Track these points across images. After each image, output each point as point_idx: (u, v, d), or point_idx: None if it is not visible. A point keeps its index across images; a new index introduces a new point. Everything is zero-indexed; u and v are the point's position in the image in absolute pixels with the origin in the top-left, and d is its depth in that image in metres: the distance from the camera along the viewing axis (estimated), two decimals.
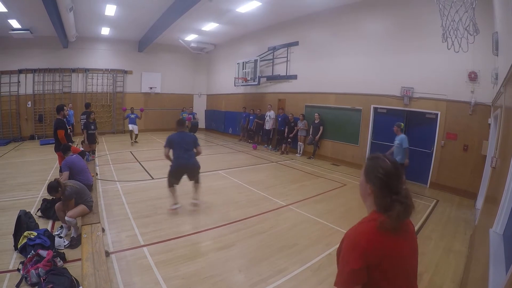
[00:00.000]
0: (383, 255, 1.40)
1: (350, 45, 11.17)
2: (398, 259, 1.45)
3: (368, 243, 1.40)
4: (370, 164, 1.60)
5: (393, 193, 1.46)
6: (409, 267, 1.53)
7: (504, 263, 2.36)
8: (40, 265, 3.54)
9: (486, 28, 6.12)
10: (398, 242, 1.47)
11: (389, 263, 1.41)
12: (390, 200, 1.44)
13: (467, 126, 8.06)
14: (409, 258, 1.53)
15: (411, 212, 1.45)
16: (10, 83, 15.27)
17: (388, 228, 1.41)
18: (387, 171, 1.50)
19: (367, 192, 1.58)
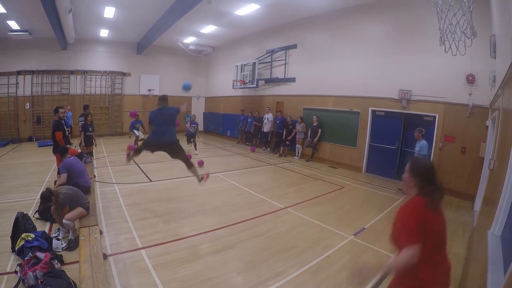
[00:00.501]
0: (428, 223, 2.05)
1: (348, 48, 11.20)
2: (436, 228, 2.12)
3: (419, 213, 2.08)
4: (414, 164, 2.29)
5: (432, 184, 2.13)
6: (442, 236, 2.19)
7: (502, 264, 2.36)
8: (38, 267, 3.52)
9: (484, 31, 6.16)
10: (435, 217, 2.13)
11: (431, 230, 2.06)
12: (431, 189, 2.12)
13: (465, 128, 8.09)
14: (442, 230, 2.19)
15: (443, 197, 2.15)
16: (9, 85, 15.23)
17: (431, 207, 2.10)
18: (428, 169, 2.21)
19: (411, 184, 2.26)
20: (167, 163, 11.10)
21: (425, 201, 2.09)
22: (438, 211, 2.15)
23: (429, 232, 2.04)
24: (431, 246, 2.04)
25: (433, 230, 2.07)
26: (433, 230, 2.07)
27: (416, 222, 2.03)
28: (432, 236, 2.05)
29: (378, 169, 10.39)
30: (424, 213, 2.06)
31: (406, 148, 9.60)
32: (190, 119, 13.53)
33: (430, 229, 2.05)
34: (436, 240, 2.10)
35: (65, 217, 4.46)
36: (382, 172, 10.20)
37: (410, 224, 2.05)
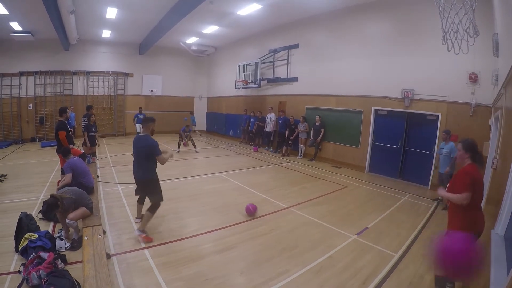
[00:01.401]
0: (476, 181, 3.05)
1: (351, 47, 11.18)
2: (481, 185, 3.14)
3: (473, 173, 3.08)
4: (466, 143, 3.27)
5: (478, 154, 3.25)
6: (483, 192, 3.23)
7: (505, 263, 2.36)
8: (41, 267, 3.54)
9: (486, 29, 6.13)
10: (481, 178, 3.17)
11: (479, 185, 3.08)
12: (478, 157, 3.24)
13: (467, 127, 8.05)
14: (483, 187, 3.20)
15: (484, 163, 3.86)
16: (12, 86, 15.32)
17: (480, 168, 3.23)
18: (475, 145, 3.25)
19: (465, 157, 3.27)
20: (170, 163, 11.13)
21: (476, 167, 3.19)
22: (481, 172, 3.32)
23: (477, 187, 3.05)
24: (477, 197, 3.07)
25: (479, 186, 3.11)
26: (479, 187, 3.10)
27: (471, 179, 3.00)
28: (478, 191, 3.07)
29: (381, 168, 10.37)
30: (476, 175, 3.11)
31: (409, 147, 9.58)
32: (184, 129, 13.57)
33: (478, 186, 3.07)
34: (480, 194, 3.15)
35: (68, 216, 4.48)
36: (385, 172, 10.17)
37: (467, 180, 3.01)
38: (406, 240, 5.28)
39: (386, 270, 4.21)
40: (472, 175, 3.04)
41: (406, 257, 4.65)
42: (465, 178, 3.06)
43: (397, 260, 4.53)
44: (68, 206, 4.50)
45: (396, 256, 4.64)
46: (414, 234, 5.56)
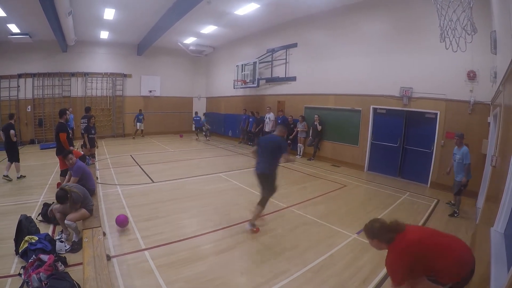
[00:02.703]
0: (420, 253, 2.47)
1: (349, 46, 11.19)
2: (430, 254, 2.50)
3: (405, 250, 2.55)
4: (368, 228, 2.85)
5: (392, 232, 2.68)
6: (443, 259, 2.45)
7: (505, 261, 2.36)
8: (42, 270, 3.53)
9: (484, 27, 6.14)
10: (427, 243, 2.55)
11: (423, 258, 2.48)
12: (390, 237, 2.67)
13: (466, 125, 8.06)
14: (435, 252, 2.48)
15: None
16: (10, 88, 15.30)
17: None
18: (383, 226, 2.70)
19: (379, 247, 2.86)
20: (169, 164, 11.14)
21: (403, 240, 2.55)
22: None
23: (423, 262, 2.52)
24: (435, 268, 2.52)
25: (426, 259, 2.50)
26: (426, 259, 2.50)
27: (406, 262, 2.55)
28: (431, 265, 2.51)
29: (380, 167, 10.38)
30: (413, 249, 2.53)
31: (408, 145, 9.59)
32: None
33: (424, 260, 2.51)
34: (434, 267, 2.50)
35: (67, 217, 4.48)
36: (384, 170, 10.18)
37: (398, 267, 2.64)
38: None
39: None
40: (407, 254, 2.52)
41: None
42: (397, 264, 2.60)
43: None
44: (76, 201, 4.52)
45: None
46: None
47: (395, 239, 2.63)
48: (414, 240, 2.54)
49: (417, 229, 2.78)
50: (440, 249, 2.49)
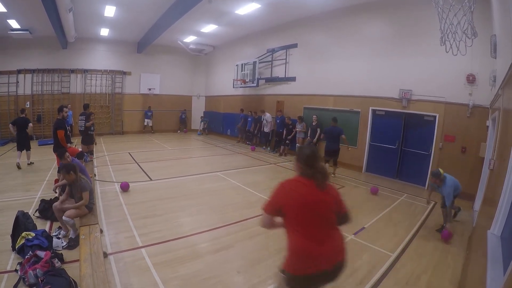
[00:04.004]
0: (294, 197, 2.34)
1: (349, 48, 11.20)
2: (306, 204, 2.30)
3: (286, 186, 2.46)
4: (298, 152, 2.57)
5: (313, 167, 2.38)
6: (317, 213, 2.31)
7: (501, 264, 2.37)
8: (38, 266, 3.53)
9: (485, 31, 6.17)
10: (305, 192, 2.32)
11: (300, 205, 2.30)
12: (312, 172, 2.37)
13: (465, 128, 8.10)
14: (317, 207, 2.31)
15: (327, 178, 2.42)
16: (9, 83, 15.24)
17: (317, 187, 2.34)
18: (307, 155, 2.43)
19: (297, 167, 2.51)
20: (167, 162, 11.14)
21: (305, 182, 2.36)
22: (325, 192, 2.37)
23: (297, 209, 2.29)
24: (302, 221, 2.28)
25: (302, 208, 2.27)
26: (302, 208, 2.27)
27: (277, 196, 2.41)
28: (300, 214, 2.28)
29: (378, 168, 10.39)
30: (293, 191, 2.36)
31: (406, 147, 9.60)
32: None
33: (298, 207, 2.28)
34: (305, 218, 2.27)
35: (66, 214, 4.48)
36: (382, 172, 10.20)
37: (271, 197, 2.43)
38: (403, 240, 5.30)
39: (383, 270, 4.23)
40: (281, 190, 2.42)
41: (403, 257, 4.67)
42: (272, 193, 2.43)
43: (394, 260, 4.55)
44: (83, 186, 4.55)
45: (393, 256, 4.66)
46: (411, 234, 5.59)
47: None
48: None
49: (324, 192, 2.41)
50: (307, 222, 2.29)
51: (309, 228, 2.28)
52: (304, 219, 2.28)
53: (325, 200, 2.36)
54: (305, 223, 2.28)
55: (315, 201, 2.30)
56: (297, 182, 2.41)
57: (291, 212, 2.31)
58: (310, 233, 2.27)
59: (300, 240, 2.27)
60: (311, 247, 2.22)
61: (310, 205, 2.28)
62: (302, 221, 2.29)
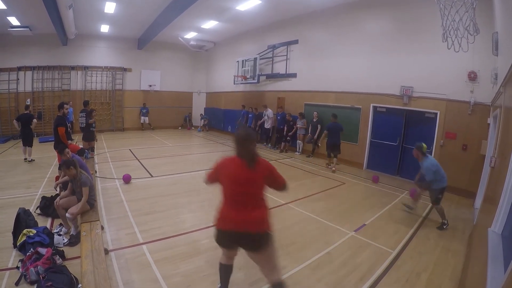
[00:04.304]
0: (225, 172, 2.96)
1: (350, 44, 11.16)
2: (230, 179, 2.89)
3: (223, 163, 3.04)
4: (234, 134, 3.01)
5: (244, 149, 2.89)
6: (234, 189, 2.87)
7: (502, 262, 2.37)
8: (39, 263, 3.54)
9: (486, 28, 6.13)
10: (233, 170, 2.88)
11: (227, 180, 2.93)
12: (243, 152, 2.89)
13: (466, 125, 8.08)
14: (234, 183, 2.86)
15: (255, 159, 2.86)
16: (9, 81, 15.24)
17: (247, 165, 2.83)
18: (240, 138, 2.92)
19: (233, 148, 2.96)
20: (168, 158, 11.14)
21: (237, 160, 2.90)
22: (252, 170, 2.83)
23: (224, 181, 2.93)
24: (225, 192, 2.93)
25: (228, 182, 2.90)
26: (228, 182, 2.90)
27: (215, 168, 3.04)
28: (225, 186, 2.93)
29: (379, 165, 10.39)
30: (225, 167, 2.97)
31: (407, 144, 9.59)
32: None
33: (225, 181, 2.91)
34: (227, 190, 2.91)
35: (69, 211, 4.49)
36: (383, 169, 10.20)
37: (213, 168, 3.07)
38: (404, 237, 5.30)
39: (383, 267, 4.24)
40: (219, 165, 3.03)
41: (404, 254, 4.67)
42: (213, 166, 3.10)
43: (394, 257, 4.56)
44: (84, 182, 4.55)
45: (393, 253, 4.66)
46: (411, 231, 5.59)
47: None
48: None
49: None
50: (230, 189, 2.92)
51: (232, 198, 2.88)
52: (229, 191, 2.89)
53: (252, 177, 2.83)
54: (230, 194, 2.90)
55: (242, 178, 2.82)
56: (231, 160, 2.97)
57: (223, 184, 2.95)
58: (232, 203, 2.88)
59: (224, 206, 2.94)
60: (228, 212, 2.89)
61: (237, 181, 2.83)
62: (228, 192, 2.91)
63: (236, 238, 2.92)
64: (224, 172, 2.95)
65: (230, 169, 2.92)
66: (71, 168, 4.54)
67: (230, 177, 2.89)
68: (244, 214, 2.82)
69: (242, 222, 2.82)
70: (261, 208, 2.91)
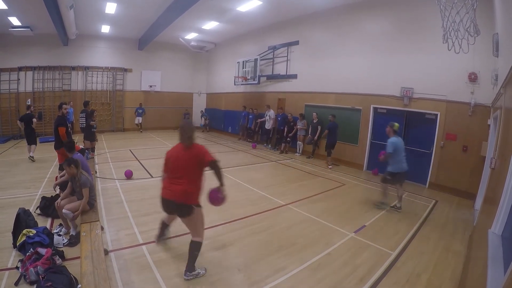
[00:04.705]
0: (169, 155, 3.88)
1: (351, 45, 11.17)
2: (170, 159, 3.80)
3: (170, 150, 3.92)
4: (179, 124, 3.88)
5: (182, 135, 3.74)
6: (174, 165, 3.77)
7: (502, 263, 2.36)
8: (39, 263, 3.54)
9: (487, 29, 6.13)
10: (174, 153, 3.81)
11: (168, 159, 3.86)
12: (182, 138, 3.75)
13: (466, 127, 8.08)
14: (173, 160, 3.78)
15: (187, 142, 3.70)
16: (10, 81, 15.26)
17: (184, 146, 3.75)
18: (180, 127, 3.77)
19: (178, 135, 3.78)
20: None
21: (179, 145, 3.80)
22: (188, 151, 3.71)
23: (167, 161, 3.86)
24: (167, 169, 3.86)
25: (169, 161, 3.84)
26: (169, 161, 3.84)
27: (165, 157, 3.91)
28: (167, 165, 3.86)
29: (379, 166, 10.35)
30: (171, 152, 3.87)
31: (408, 146, 9.54)
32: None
33: (168, 161, 3.86)
34: (168, 167, 3.84)
35: (66, 206, 4.49)
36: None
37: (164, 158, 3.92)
38: (404, 238, 5.30)
39: (383, 268, 4.23)
40: (167, 154, 3.90)
41: (404, 255, 4.67)
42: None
43: (394, 258, 4.55)
44: (84, 183, 4.55)
45: (393, 254, 4.66)
46: (411, 232, 5.58)
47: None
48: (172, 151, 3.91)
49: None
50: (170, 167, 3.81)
51: (171, 173, 3.78)
52: (170, 168, 3.79)
53: (186, 157, 3.69)
54: (169, 170, 3.81)
55: (179, 158, 3.72)
56: (175, 146, 3.86)
57: (168, 163, 3.84)
58: (170, 177, 3.79)
59: (166, 179, 3.87)
60: (166, 184, 3.83)
61: (175, 160, 3.75)
62: (168, 169, 3.83)
63: (167, 204, 3.87)
64: (169, 155, 3.84)
65: (173, 152, 3.83)
66: (72, 166, 4.54)
67: (172, 157, 3.79)
68: (175, 187, 3.68)
69: (171, 193, 3.70)
70: (190, 184, 3.71)
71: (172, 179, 3.73)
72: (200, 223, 4.03)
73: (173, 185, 3.70)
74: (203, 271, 3.88)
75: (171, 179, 3.75)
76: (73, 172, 4.59)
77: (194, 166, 3.69)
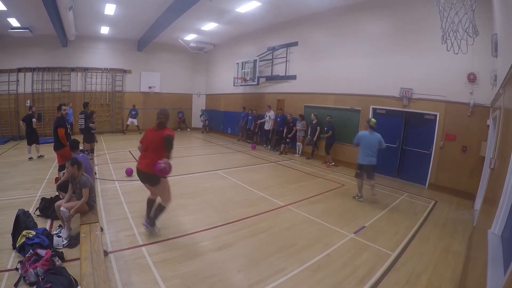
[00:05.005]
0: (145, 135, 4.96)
1: (350, 46, 11.18)
2: (146, 137, 4.86)
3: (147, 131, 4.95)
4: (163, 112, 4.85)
5: (158, 120, 4.77)
6: (147, 144, 4.74)
7: (502, 264, 2.36)
8: (39, 265, 3.53)
9: (486, 30, 6.15)
10: (149, 132, 4.85)
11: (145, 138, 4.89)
12: (156, 123, 4.76)
13: (466, 127, 8.09)
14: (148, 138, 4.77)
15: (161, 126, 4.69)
16: (9, 82, 15.24)
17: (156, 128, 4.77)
18: (157, 114, 4.84)
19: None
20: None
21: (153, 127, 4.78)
22: (157, 132, 4.64)
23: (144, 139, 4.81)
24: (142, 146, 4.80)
25: (144, 139, 4.82)
26: (144, 139, 4.81)
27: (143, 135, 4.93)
28: (143, 142, 4.80)
29: (378, 167, 10.31)
30: (147, 132, 4.85)
31: (407, 146, 9.59)
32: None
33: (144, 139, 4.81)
34: (143, 144, 4.77)
35: (64, 205, 4.49)
36: (383, 171, 10.15)
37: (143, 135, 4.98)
38: (403, 239, 5.30)
39: (383, 268, 4.23)
40: (144, 133, 4.89)
41: (403, 256, 4.67)
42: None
43: (394, 259, 4.55)
44: (84, 183, 4.57)
45: (393, 255, 4.66)
46: (411, 233, 5.59)
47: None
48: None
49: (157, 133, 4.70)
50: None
51: (144, 149, 4.73)
52: (143, 145, 4.75)
53: (155, 136, 4.60)
54: (143, 147, 4.74)
55: (149, 136, 4.71)
56: (151, 127, 4.82)
57: (142, 138, 4.84)
58: (143, 151, 4.75)
59: (141, 153, 4.79)
60: (140, 157, 4.78)
61: (147, 138, 4.74)
62: (143, 146, 4.76)
63: (140, 174, 4.72)
64: (145, 133, 4.87)
65: (148, 131, 4.84)
66: (74, 166, 4.55)
67: (146, 136, 4.80)
68: (144, 160, 4.64)
69: (141, 164, 4.66)
70: (155, 158, 4.38)
71: (143, 153, 4.74)
72: (167, 191, 4.85)
73: (143, 158, 4.66)
74: (158, 231, 4.96)
75: (142, 153, 4.75)
76: (74, 172, 4.59)
77: (159, 143, 4.50)
